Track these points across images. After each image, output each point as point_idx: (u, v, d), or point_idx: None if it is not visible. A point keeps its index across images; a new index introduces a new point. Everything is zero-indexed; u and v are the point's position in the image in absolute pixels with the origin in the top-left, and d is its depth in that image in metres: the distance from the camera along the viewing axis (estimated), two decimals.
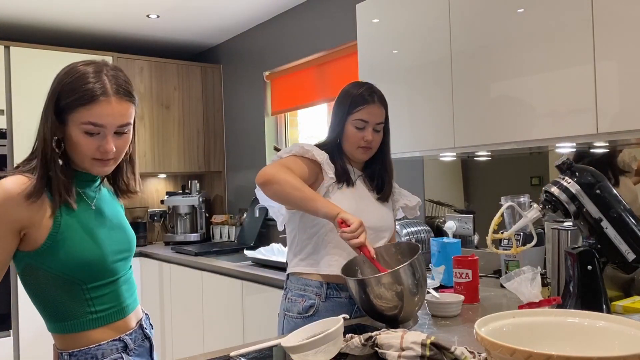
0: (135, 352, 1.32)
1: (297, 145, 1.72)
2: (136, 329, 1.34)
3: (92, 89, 1.15)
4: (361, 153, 1.74)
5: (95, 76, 1.18)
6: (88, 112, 1.16)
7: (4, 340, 3.46)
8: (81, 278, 1.22)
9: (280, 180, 1.58)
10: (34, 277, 1.21)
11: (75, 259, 1.20)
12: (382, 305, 1.43)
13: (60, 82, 1.18)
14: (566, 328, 1.02)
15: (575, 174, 1.51)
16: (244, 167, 4.29)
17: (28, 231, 1.17)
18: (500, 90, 1.96)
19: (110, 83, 1.18)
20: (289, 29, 3.75)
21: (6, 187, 1.15)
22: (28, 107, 3.64)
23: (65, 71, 1.21)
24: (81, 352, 1.23)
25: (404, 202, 1.85)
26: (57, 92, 1.18)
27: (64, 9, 3.60)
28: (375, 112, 1.71)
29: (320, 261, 1.70)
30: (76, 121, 1.17)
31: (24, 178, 1.18)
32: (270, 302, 2.68)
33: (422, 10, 2.25)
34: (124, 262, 1.32)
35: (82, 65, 1.21)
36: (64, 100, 1.17)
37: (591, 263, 1.49)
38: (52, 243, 1.18)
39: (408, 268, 1.43)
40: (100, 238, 1.25)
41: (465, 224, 2.55)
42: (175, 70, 4.30)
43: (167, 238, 4.27)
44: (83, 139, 1.18)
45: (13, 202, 1.14)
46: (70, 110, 1.17)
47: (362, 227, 1.49)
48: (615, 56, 1.63)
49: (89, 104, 1.16)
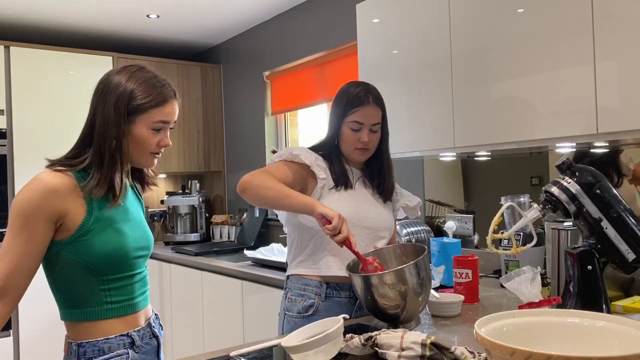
0: (141, 349, 1.36)
1: (286, 150, 1.72)
2: (144, 327, 1.39)
3: (163, 93, 1.32)
4: (358, 154, 1.74)
5: (159, 81, 1.33)
6: (160, 112, 1.32)
7: (4, 340, 3.46)
8: (103, 268, 1.29)
9: (253, 185, 1.61)
10: (59, 264, 1.27)
11: (102, 249, 1.27)
12: (386, 304, 1.43)
13: (125, 88, 1.29)
14: (566, 328, 1.02)
15: (575, 174, 1.51)
16: (244, 167, 4.29)
17: (64, 221, 1.25)
18: (500, 90, 1.96)
19: (169, 86, 1.36)
20: (289, 29, 3.75)
21: (46, 179, 1.24)
22: (28, 107, 3.64)
23: (122, 78, 1.31)
24: (89, 344, 1.28)
25: (404, 202, 1.85)
26: (126, 97, 1.29)
27: (64, 9, 3.60)
28: (370, 113, 1.70)
29: (320, 262, 1.70)
30: (147, 121, 1.31)
31: (58, 174, 1.26)
32: (270, 302, 2.68)
33: (422, 10, 2.25)
34: (143, 259, 1.40)
35: (135, 70, 1.33)
36: (135, 103, 1.29)
37: (591, 263, 1.49)
38: (82, 233, 1.26)
39: (413, 268, 1.43)
40: (126, 233, 1.33)
41: (465, 224, 2.55)
42: (175, 70, 4.30)
43: (167, 238, 4.27)
44: (149, 135, 1.32)
45: (53, 194, 1.23)
46: (141, 112, 1.30)
47: (341, 219, 1.50)
48: (615, 56, 1.63)
49: (161, 105, 1.32)
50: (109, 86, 1.30)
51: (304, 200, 1.57)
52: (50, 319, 3.48)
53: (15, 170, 3.59)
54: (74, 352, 1.29)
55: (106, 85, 1.31)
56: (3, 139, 3.57)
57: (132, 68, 1.34)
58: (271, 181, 1.60)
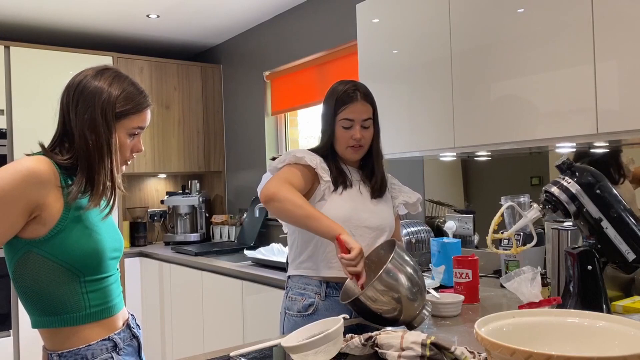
0: (124, 352, 1.34)
1: (289, 154, 1.71)
2: (124, 329, 1.37)
3: (143, 100, 1.35)
4: (351, 153, 1.74)
5: (138, 87, 1.35)
6: (139, 118, 1.34)
7: (4, 340, 3.46)
8: (81, 269, 1.25)
9: (280, 197, 1.57)
10: (31, 266, 1.22)
11: (80, 248, 1.24)
12: (380, 309, 1.41)
13: (111, 94, 1.29)
14: (566, 328, 1.02)
15: (575, 174, 1.51)
16: (244, 167, 4.29)
17: (40, 213, 1.20)
18: (500, 90, 1.96)
19: (146, 93, 1.37)
20: (289, 29, 3.75)
21: (30, 164, 1.20)
22: (28, 107, 3.64)
23: (108, 83, 1.30)
24: (71, 353, 1.24)
25: (404, 198, 1.85)
26: (112, 103, 1.29)
27: (64, 9, 3.60)
28: (359, 109, 1.70)
29: (320, 264, 1.70)
30: (127, 126, 1.32)
31: (45, 158, 1.24)
32: (270, 302, 2.68)
33: (422, 10, 2.25)
34: (116, 260, 1.38)
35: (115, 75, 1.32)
36: (119, 109, 1.30)
37: (591, 263, 1.49)
38: (59, 230, 1.22)
39: (385, 274, 1.39)
40: (102, 232, 1.30)
41: (465, 224, 2.55)
42: (175, 70, 4.30)
43: (167, 238, 4.27)
44: (127, 141, 1.34)
45: (35, 179, 1.19)
46: (122, 118, 1.31)
47: (361, 254, 1.46)
48: (615, 56, 1.63)
49: (140, 112, 1.34)
50: (88, 89, 1.28)
51: (329, 224, 1.52)
52: None
53: None
54: None
55: (85, 89, 1.28)
56: (3, 139, 3.57)
57: (110, 73, 1.32)
58: (297, 196, 1.57)
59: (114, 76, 1.32)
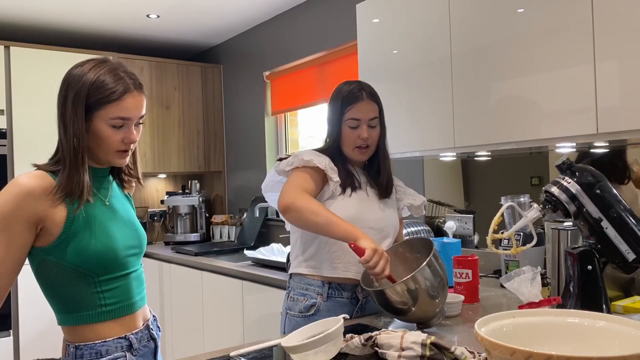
0: (139, 352, 1.35)
1: (297, 157, 1.70)
2: (142, 329, 1.37)
3: (118, 87, 1.25)
4: (358, 154, 1.73)
5: (116, 74, 1.26)
6: (116, 107, 1.25)
7: (4, 340, 3.45)
8: (93, 270, 1.26)
9: (298, 206, 1.57)
10: (48, 271, 1.25)
11: (89, 251, 1.25)
12: (400, 305, 1.44)
13: (83, 84, 1.24)
14: (566, 328, 1.02)
15: (575, 174, 1.51)
16: (244, 167, 4.29)
17: (45, 225, 1.22)
18: (500, 90, 1.96)
19: (129, 79, 1.27)
20: (289, 29, 3.75)
21: (23, 182, 1.21)
22: (28, 107, 3.64)
23: (81, 72, 1.26)
24: (87, 347, 1.27)
25: (409, 201, 1.85)
26: (84, 93, 1.23)
27: (64, 9, 3.60)
28: (366, 109, 1.70)
29: (323, 264, 1.70)
30: (104, 117, 1.25)
31: (40, 172, 1.24)
32: (270, 302, 2.68)
33: (422, 10, 2.25)
34: (135, 257, 1.37)
35: (94, 65, 1.27)
36: (90, 99, 1.24)
37: (591, 263, 1.49)
38: (66, 236, 1.23)
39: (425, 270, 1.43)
40: (113, 232, 1.30)
41: (465, 224, 2.55)
42: (175, 70, 4.30)
43: (167, 238, 4.27)
44: (110, 132, 1.26)
45: (30, 196, 1.20)
46: (97, 108, 1.24)
47: (378, 254, 1.46)
48: (615, 56, 1.63)
49: (117, 100, 1.24)
50: (67, 82, 1.26)
51: (348, 229, 1.53)
52: (50, 319, 3.44)
53: (15, 170, 3.58)
54: (71, 354, 1.28)
55: (64, 83, 1.27)
56: (3, 139, 3.57)
57: (92, 62, 1.28)
58: (314, 204, 1.58)
59: (93, 65, 1.27)
